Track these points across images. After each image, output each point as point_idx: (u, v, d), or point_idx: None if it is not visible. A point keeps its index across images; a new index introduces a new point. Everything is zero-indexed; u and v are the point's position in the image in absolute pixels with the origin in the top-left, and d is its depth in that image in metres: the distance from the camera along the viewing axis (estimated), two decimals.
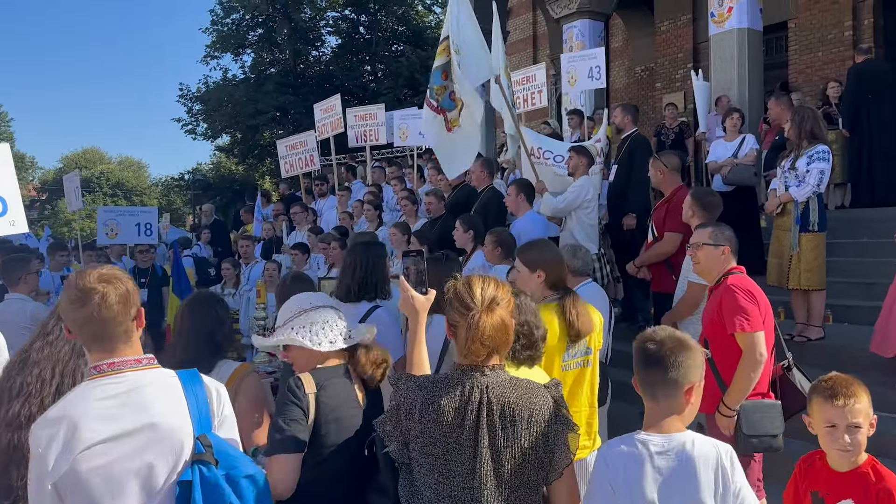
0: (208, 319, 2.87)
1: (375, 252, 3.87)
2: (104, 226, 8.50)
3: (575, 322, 3.15)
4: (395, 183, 9.44)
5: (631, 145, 6.78)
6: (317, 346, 2.48)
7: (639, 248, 6.53)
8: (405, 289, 2.39)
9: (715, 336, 3.56)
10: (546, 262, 3.30)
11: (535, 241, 3.49)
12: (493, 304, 2.04)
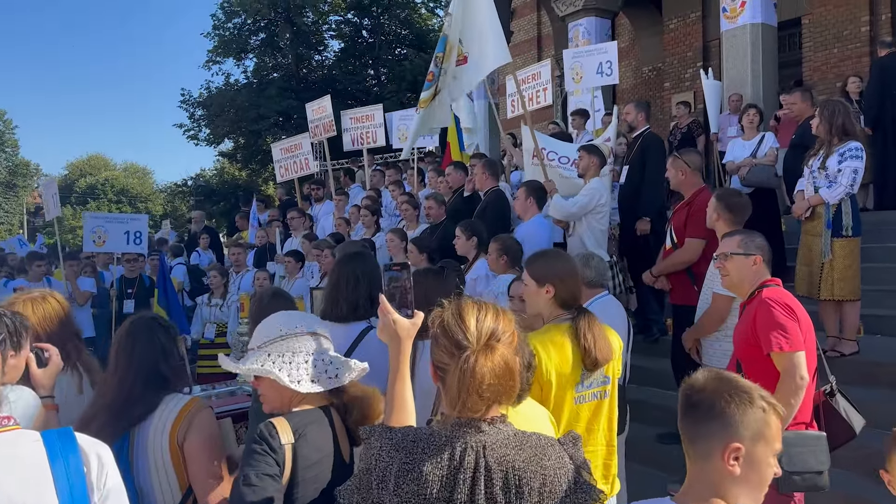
0: (150, 350, 2.43)
1: (365, 264, 3.39)
2: (91, 233, 8.08)
3: (591, 348, 2.70)
4: (392, 188, 9.01)
5: (644, 144, 6.32)
6: (295, 385, 2.05)
7: (653, 255, 6.08)
8: (386, 311, 1.95)
9: (749, 357, 3.12)
10: (557, 275, 2.85)
11: (546, 251, 3.04)
12: (492, 340, 1.59)
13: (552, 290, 2.87)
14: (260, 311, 2.90)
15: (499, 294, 4.82)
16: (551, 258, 2.95)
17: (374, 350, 2.84)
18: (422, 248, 5.91)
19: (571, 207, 5.62)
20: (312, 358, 2.11)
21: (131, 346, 2.44)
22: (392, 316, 1.93)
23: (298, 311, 2.56)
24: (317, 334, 2.20)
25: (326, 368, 2.12)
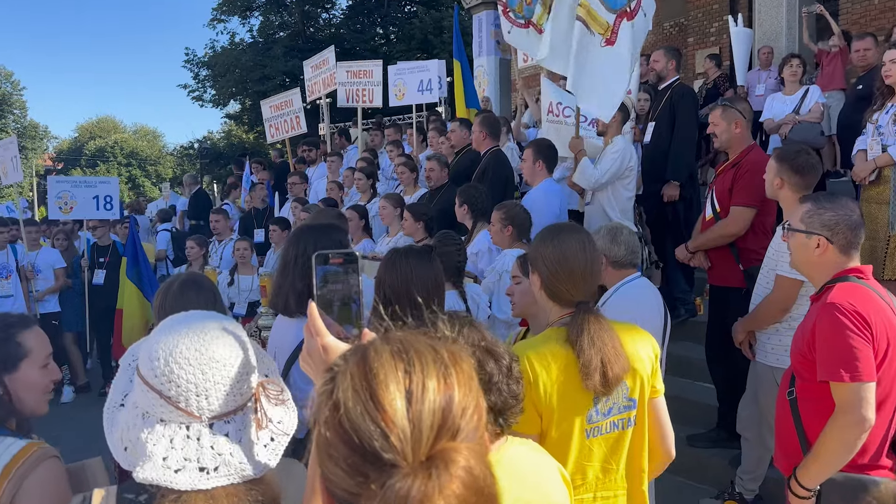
0: None
1: (332, 241, 2.60)
2: (57, 198, 7.39)
3: (592, 365, 1.91)
4: (390, 148, 8.19)
5: (673, 97, 5.47)
6: (165, 480, 1.20)
7: (682, 225, 5.31)
8: (315, 330, 1.20)
9: (804, 373, 2.39)
10: (543, 260, 2.08)
11: (551, 226, 2.25)
12: (443, 441, 0.78)
13: (538, 280, 2.13)
14: (164, 305, 2.16)
15: (503, 272, 4.08)
16: (543, 236, 2.17)
17: None
18: (418, 216, 5.16)
19: (602, 176, 4.78)
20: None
21: None
22: (323, 339, 1.19)
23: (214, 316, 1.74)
24: (244, 364, 1.42)
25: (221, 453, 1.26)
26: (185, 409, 1.20)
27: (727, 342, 3.85)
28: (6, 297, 6.88)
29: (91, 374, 7.95)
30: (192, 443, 1.21)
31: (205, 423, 1.22)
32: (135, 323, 6.51)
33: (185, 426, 1.21)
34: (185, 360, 1.20)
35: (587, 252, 2.04)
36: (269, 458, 1.27)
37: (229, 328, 1.29)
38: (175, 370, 1.19)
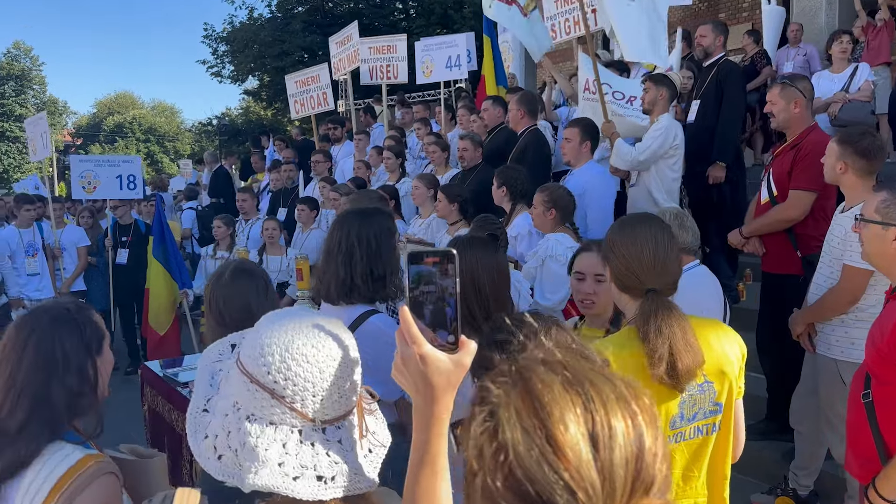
0: (45, 360, 1.60)
1: (378, 226, 2.45)
2: (80, 178, 7.29)
3: (656, 351, 1.75)
4: (418, 126, 7.99)
5: (720, 74, 5.22)
6: (284, 487, 1.08)
7: (728, 208, 5.11)
8: (410, 336, 1.07)
9: (884, 375, 2.21)
10: (613, 250, 1.94)
11: (624, 219, 2.09)
12: (639, 500, 0.64)
13: (609, 270, 1.99)
14: (217, 296, 2.03)
15: (546, 257, 3.92)
16: (615, 227, 2.02)
17: (377, 346, 2.07)
18: (452, 197, 5.00)
19: (640, 155, 4.59)
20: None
21: (20, 350, 1.61)
22: (421, 348, 1.06)
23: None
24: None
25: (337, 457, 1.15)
26: (300, 411, 1.09)
27: (779, 331, 3.69)
28: (33, 274, 6.83)
29: (116, 354, 7.90)
30: (306, 448, 1.10)
31: (318, 427, 1.11)
32: (161, 302, 6.42)
33: (298, 430, 1.10)
34: (302, 356, 1.09)
35: (661, 243, 1.89)
36: (372, 472, 1.16)
37: (337, 326, 1.18)
38: (293, 367, 1.08)
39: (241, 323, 2.00)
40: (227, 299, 1.98)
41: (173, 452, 3.70)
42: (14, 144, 43.72)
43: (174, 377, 3.99)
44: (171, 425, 3.78)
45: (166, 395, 3.91)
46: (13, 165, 43.35)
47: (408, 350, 1.07)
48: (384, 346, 2.25)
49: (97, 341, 1.70)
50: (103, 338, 1.73)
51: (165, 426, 3.83)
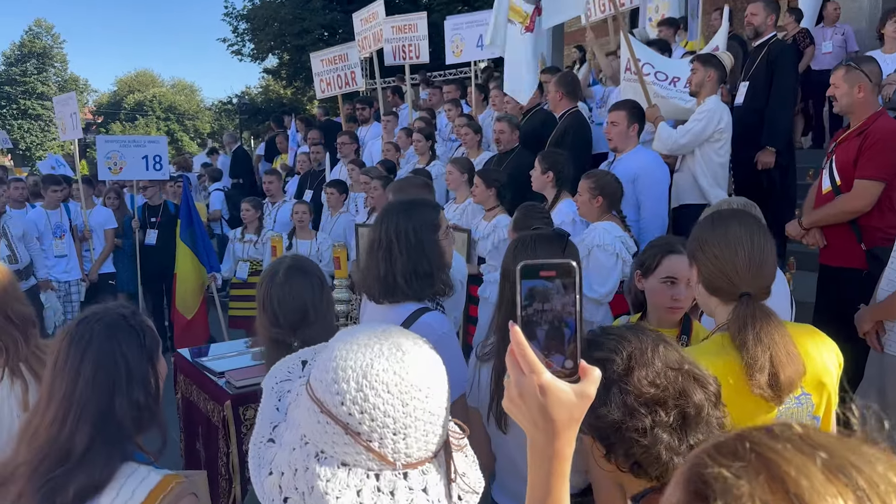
0: (107, 374, 1.47)
1: (420, 219, 2.28)
2: (106, 158, 7.20)
3: (757, 361, 1.61)
4: (448, 107, 7.80)
5: (771, 54, 4.99)
6: None
7: (778, 195, 4.90)
8: (526, 362, 0.92)
9: None
10: (703, 248, 1.79)
11: (714, 215, 1.92)
12: None
13: (696, 271, 1.83)
14: (271, 294, 1.90)
15: (593, 247, 3.76)
16: (706, 224, 1.86)
17: None
18: (489, 182, 4.84)
19: (681, 138, 4.39)
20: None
21: (76, 364, 1.47)
22: (541, 377, 0.91)
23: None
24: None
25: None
26: (378, 452, 0.93)
27: (838, 327, 3.50)
28: (60, 256, 6.78)
29: None
30: (384, 498, 0.93)
31: (399, 471, 0.94)
32: (188, 286, 6.33)
33: (375, 474, 0.93)
34: (383, 385, 0.93)
35: (757, 243, 1.73)
36: None
37: (424, 347, 1.03)
38: (371, 398, 0.93)
39: (295, 324, 1.88)
40: (281, 299, 1.86)
41: (209, 445, 3.62)
42: (36, 122, 44.03)
43: (208, 366, 3.90)
44: (206, 416, 3.69)
45: (200, 383, 3.82)
46: (35, 143, 43.67)
47: (524, 379, 0.92)
48: (433, 344, 2.13)
49: (156, 348, 1.58)
50: (159, 343, 1.61)
51: (201, 416, 3.74)
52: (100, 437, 1.41)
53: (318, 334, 1.88)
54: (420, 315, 2.19)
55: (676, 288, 2.27)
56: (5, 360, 1.92)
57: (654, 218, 4.22)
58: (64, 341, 1.49)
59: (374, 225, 2.37)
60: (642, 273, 2.36)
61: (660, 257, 2.30)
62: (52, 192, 6.74)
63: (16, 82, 43.24)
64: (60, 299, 6.72)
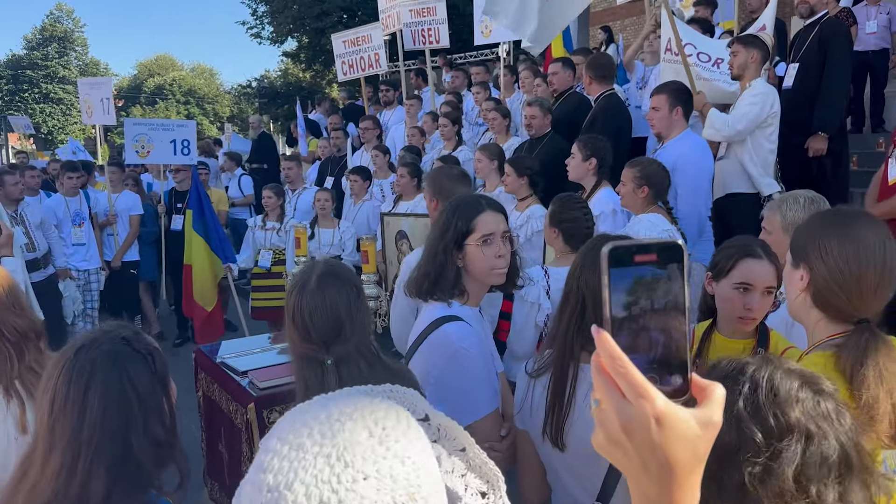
0: (118, 407, 1.28)
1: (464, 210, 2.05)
2: (134, 141, 7.06)
3: (877, 404, 1.40)
4: (476, 90, 7.53)
5: (823, 33, 4.68)
6: None
7: (830, 184, 4.62)
8: (638, 390, 0.67)
9: None
10: (821, 254, 1.55)
11: (837, 213, 1.69)
12: None
13: (807, 276, 1.59)
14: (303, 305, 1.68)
15: None
16: (827, 222, 1.62)
17: (441, 358, 1.91)
18: (521, 170, 4.59)
19: (737, 123, 4.11)
20: None
21: (80, 401, 1.27)
22: (655, 404, 0.67)
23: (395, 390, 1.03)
24: None
25: None
26: None
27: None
28: (79, 244, 6.65)
29: (164, 323, 7.77)
30: None
31: None
32: (205, 277, 6.13)
33: None
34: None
35: (889, 259, 1.49)
36: None
37: (385, 454, 0.68)
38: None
39: (329, 339, 1.67)
40: (313, 311, 1.65)
41: (232, 447, 3.45)
42: (58, 106, 44.26)
43: (230, 364, 3.73)
44: (229, 417, 3.52)
45: (221, 382, 3.66)
46: (57, 127, 43.92)
47: (629, 409, 0.67)
48: (448, 360, 1.92)
49: (167, 371, 1.38)
50: (167, 365, 1.41)
51: (223, 418, 3.57)
52: (119, 484, 1.22)
53: (353, 351, 1.68)
54: (441, 324, 1.97)
55: (751, 296, 2.04)
56: (4, 377, 1.74)
57: (690, 212, 3.94)
58: (61, 377, 1.28)
59: (448, 216, 2.13)
60: (713, 276, 2.13)
61: (735, 260, 2.06)
62: (67, 179, 6.59)
63: (37, 66, 43.47)
64: (80, 288, 6.60)
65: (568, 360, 1.62)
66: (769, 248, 2.11)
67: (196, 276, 6.09)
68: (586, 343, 1.63)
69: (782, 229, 2.53)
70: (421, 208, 5.64)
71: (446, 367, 1.88)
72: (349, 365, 1.67)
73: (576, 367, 1.62)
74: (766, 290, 2.04)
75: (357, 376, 1.66)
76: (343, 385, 1.65)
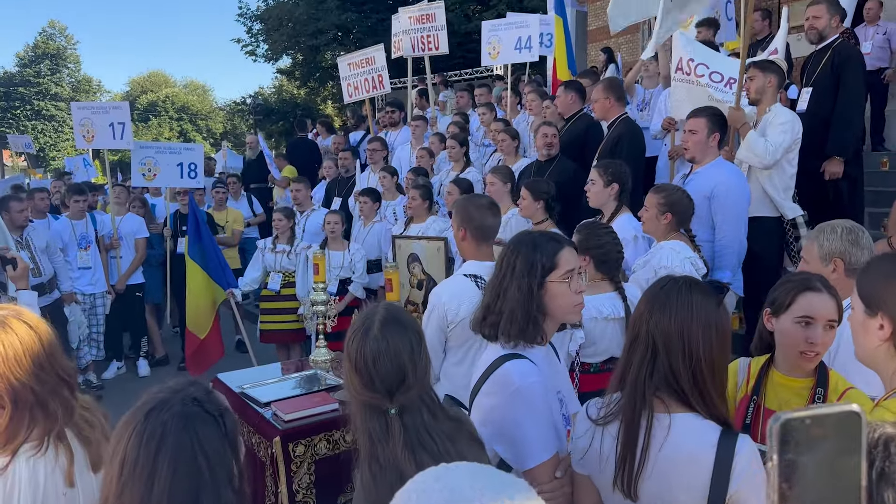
0: (185, 479, 1.23)
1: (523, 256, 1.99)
2: (140, 164, 7.02)
3: None
4: (483, 111, 7.54)
5: (836, 58, 4.72)
6: None
7: (846, 208, 4.63)
8: None
9: None
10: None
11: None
12: None
13: (889, 326, 1.56)
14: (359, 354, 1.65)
15: (660, 268, 3.50)
16: (893, 265, 1.60)
17: (501, 395, 1.90)
18: (537, 195, 4.58)
19: (777, 152, 4.08)
20: None
21: (149, 466, 1.23)
22: None
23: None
24: None
25: None
26: None
27: None
28: (85, 268, 6.59)
29: (169, 346, 7.70)
30: None
31: None
32: (200, 305, 6.03)
33: None
34: None
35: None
36: None
37: None
38: None
39: (393, 387, 1.64)
40: (377, 358, 1.61)
41: (255, 481, 3.39)
42: (50, 123, 44.12)
43: (251, 394, 3.68)
44: (251, 449, 3.46)
45: (243, 413, 3.60)
46: (49, 143, 43.76)
47: None
48: (508, 398, 1.89)
49: (237, 433, 1.35)
50: (237, 424, 1.37)
51: (244, 449, 3.50)
52: None
53: (416, 399, 1.64)
54: (504, 362, 1.95)
55: (813, 330, 2.02)
56: (48, 427, 1.68)
57: (731, 241, 3.92)
58: (132, 440, 1.24)
59: (512, 252, 2.06)
60: (773, 311, 2.11)
61: (795, 293, 2.05)
62: (74, 202, 6.54)
63: (30, 83, 43.38)
64: (85, 312, 6.54)
65: (640, 409, 1.59)
66: (828, 282, 2.09)
67: (190, 302, 5.99)
68: (659, 390, 1.61)
69: (820, 259, 2.52)
70: (433, 231, 5.62)
71: (506, 405, 1.85)
72: (413, 414, 1.63)
73: (649, 416, 1.59)
74: (828, 324, 2.02)
75: (421, 426, 1.63)
76: (408, 435, 1.61)
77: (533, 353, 1.95)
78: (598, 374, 3.24)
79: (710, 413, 1.57)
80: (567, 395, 2.07)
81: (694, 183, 3.89)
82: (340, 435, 3.35)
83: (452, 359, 3.19)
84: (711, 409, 1.57)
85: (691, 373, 1.57)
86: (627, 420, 1.61)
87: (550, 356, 2.07)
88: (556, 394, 1.96)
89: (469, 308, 2.95)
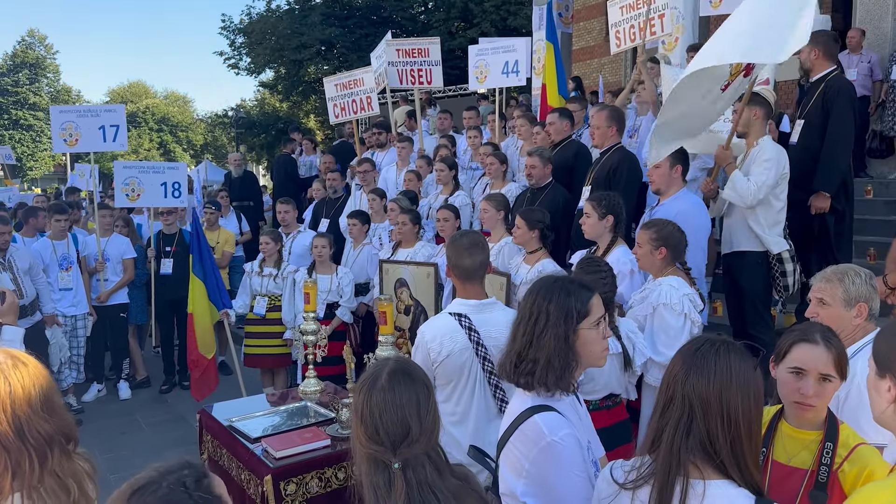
0: None
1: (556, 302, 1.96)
2: (123, 185, 6.92)
3: None
4: (472, 134, 7.54)
5: (827, 91, 4.77)
6: None
7: (832, 242, 4.68)
8: None
9: None
10: None
11: None
12: None
13: (895, 389, 1.56)
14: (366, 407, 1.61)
15: (658, 304, 3.50)
16: None
17: (534, 449, 1.88)
18: (532, 224, 4.56)
19: (759, 193, 4.15)
20: None
21: None
22: None
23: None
24: None
25: None
26: None
27: None
28: (66, 289, 6.46)
29: (149, 367, 7.56)
30: None
31: None
32: (205, 325, 5.95)
33: None
34: None
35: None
36: None
37: None
38: None
39: (397, 441, 1.60)
40: (383, 410, 1.58)
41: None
42: (28, 133, 43.49)
43: (240, 428, 3.60)
44: (240, 486, 3.38)
45: (232, 448, 3.52)
46: (26, 154, 43.11)
47: None
48: (541, 452, 1.86)
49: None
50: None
51: (233, 485, 3.43)
52: None
53: (421, 454, 1.61)
54: (532, 414, 1.91)
55: (804, 381, 2.01)
56: (13, 484, 1.62)
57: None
58: None
59: (537, 299, 2.01)
60: (774, 359, 2.11)
61: (790, 343, 2.05)
62: (55, 221, 6.42)
63: (8, 92, 42.77)
64: (66, 335, 6.40)
65: (675, 474, 1.55)
66: (832, 334, 2.08)
67: (198, 323, 5.87)
68: (694, 455, 1.58)
69: (844, 302, 2.51)
70: (421, 256, 5.58)
71: (539, 459, 1.83)
72: (416, 469, 1.60)
73: (684, 482, 1.55)
74: (821, 377, 2.01)
75: (424, 482, 1.59)
76: (411, 491, 1.58)
77: (561, 404, 1.93)
78: (597, 411, 3.22)
79: (745, 480, 1.54)
80: (592, 440, 2.05)
81: (659, 214, 3.98)
82: (332, 472, 3.29)
83: (440, 396, 3.15)
84: (746, 477, 1.54)
85: (729, 438, 1.54)
86: (661, 485, 1.57)
87: (574, 401, 2.05)
88: (586, 443, 1.94)
89: (451, 347, 2.94)
